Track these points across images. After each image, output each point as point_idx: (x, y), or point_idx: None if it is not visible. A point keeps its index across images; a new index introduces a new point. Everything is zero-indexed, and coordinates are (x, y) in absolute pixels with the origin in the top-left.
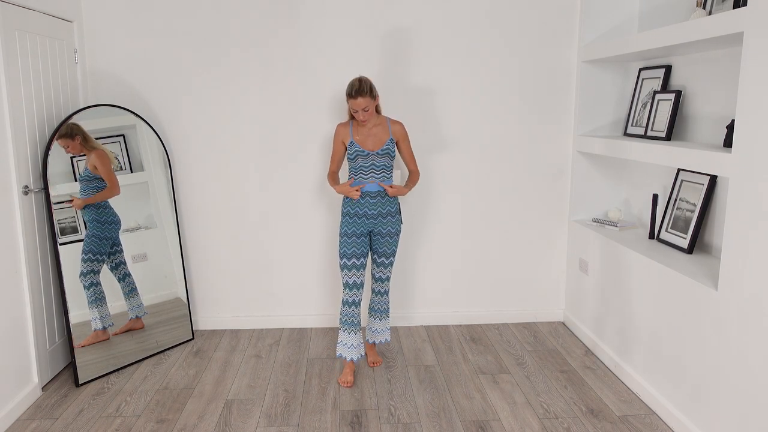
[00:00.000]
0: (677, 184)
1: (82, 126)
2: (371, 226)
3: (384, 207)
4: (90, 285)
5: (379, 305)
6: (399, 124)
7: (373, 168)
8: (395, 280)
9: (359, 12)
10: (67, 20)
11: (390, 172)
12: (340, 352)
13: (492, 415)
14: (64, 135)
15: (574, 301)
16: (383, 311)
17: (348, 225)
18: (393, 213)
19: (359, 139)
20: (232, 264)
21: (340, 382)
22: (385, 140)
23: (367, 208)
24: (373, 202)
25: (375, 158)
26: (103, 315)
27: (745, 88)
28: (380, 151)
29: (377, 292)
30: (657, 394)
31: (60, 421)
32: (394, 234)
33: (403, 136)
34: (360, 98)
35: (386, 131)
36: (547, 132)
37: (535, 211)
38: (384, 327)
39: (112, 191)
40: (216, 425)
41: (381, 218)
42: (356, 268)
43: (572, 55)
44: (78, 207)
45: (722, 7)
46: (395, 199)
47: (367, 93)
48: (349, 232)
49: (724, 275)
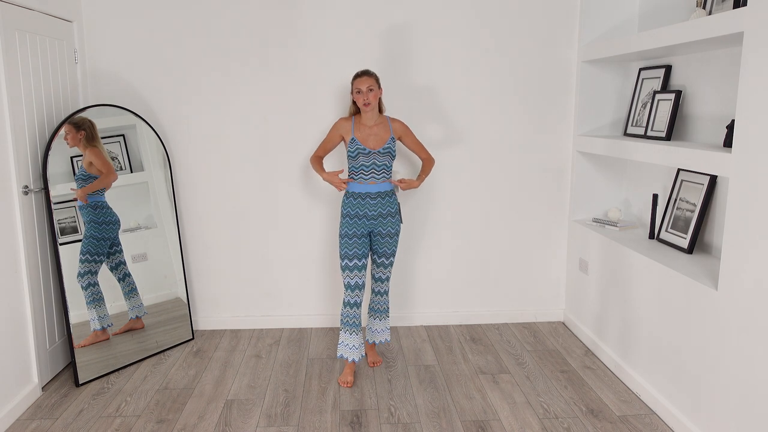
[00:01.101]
0: (677, 184)
1: (97, 128)
2: (371, 227)
3: (384, 208)
4: (88, 285)
5: (378, 305)
6: (399, 121)
7: (374, 167)
8: (395, 280)
9: (359, 12)
10: (67, 20)
11: (390, 173)
12: (341, 353)
13: (492, 415)
14: (73, 123)
15: (574, 301)
16: (383, 311)
17: (348, 226)
18: (393, 213)
19: (361, 137)
20: (232, 264)
21: (340, 382)
22: (387, 139)
23: (367, 209)
24: (373, 203)
25: (376, 157)
26: (102, 315)
27: (745, 88)
28: (382, 150)
29: (377, 292)
30: (657, 394)
31: (60, 421)
32: (394, 234)
33: (406, 131)
34: (365, 77)
35: (387, 130)
36: (547, 132)
37: (535, 211)
38: (384, 327)
39: (109, 177)
40: (216, 425)
41: (381, 219)
42: (357, 269)
43: (572, 55)
44: (81, 198)
45: (722, 7)
46: (395, 200)
47: (373, 76)
48: (349, 233)
49: (724, 275)
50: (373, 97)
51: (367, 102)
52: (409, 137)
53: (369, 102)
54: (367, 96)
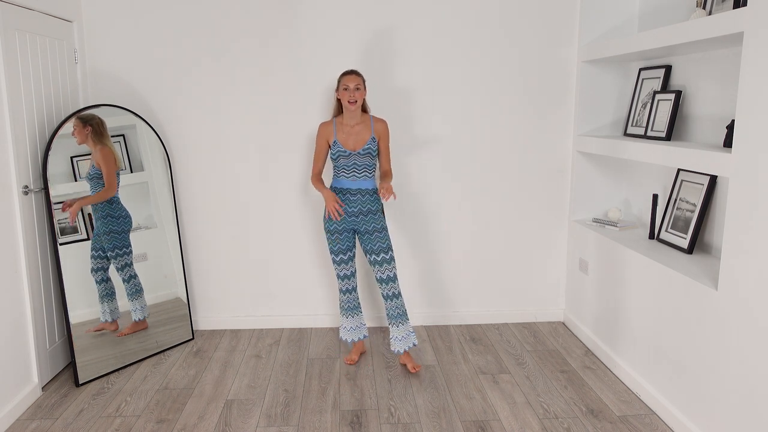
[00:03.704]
0: (677, 184)
1: (107, 126)
2: (353, 224)
3: (364, 205)
4: (101, 280)
5: (394, 310)
6: (382, 122)
7: (355, 168)
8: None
9: (359, 13)
10: (67, 20)
11: (372, 171)
12: (342, 336)
13: (492, 415)
14: (81, 118)
15: (574, 301)
16: (400, 316)
17: (330, 222)
18: (374, 211)
19: (342, 138)
20: (232, 264)
21: (345, 360)
22: (367, 139)
23: (348, 205)
24: (353, 200)
25: (356, 158)
26: (113, 309)
27: (745, 88)
28: (362, 151)
29: (387, 296)
30: (657, 394)
31: (60, 421)
32: (381, 230)
33: (384, 134)
34: (353, 75)
35: (368, 129)
36: (547, 132)
37: (535, 211)
38: (405, 333)
39: (108, 192)
40: (216, 425)
41: (363, 216)
42: (344, 262)
43: (572, 55)
44: (69, 208)
45: (722, 7)
46: (376, 197)
47: (361, 75)
48: (331, 228)
49: (724, 275)
50: (360, 95)
51: (352, 100)
52: (383, 143)
53: (355, 100)
54: (353, 94)
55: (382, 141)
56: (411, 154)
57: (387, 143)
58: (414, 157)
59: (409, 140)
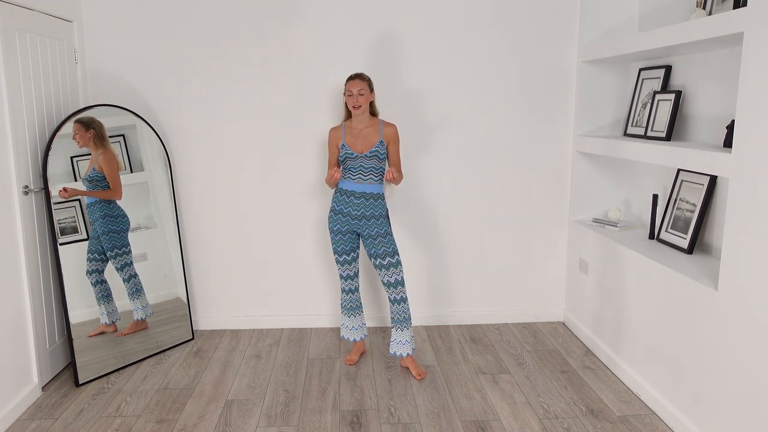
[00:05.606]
0: (677, 184)
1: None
2: (356, 227)
3: (368, 209)
4: (99, 282)
5: (398, 314)
6: (392, 126)
7: (361, 170)
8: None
9: (359, 16)
10: (67, 20)
11: (378, 175)
12: (343, 334)
13: (492, 415)
14: (82, 122)
15: (574, 301)
16: (403, 320)
17: (333, 222)
18: (377, 216)
19: (350, 141)
20: (232, 264)
21: (345, 360)
22: (375, 142)
23: (351, 208)
24: (357, 203)
25: (363, 160)
26: (110, 311)
27: (745, 88)
28: (368, 154)
29: (393, 300)
30: (657, 394)
31: (60, 421)
32: (384, 234)
33: (394, 138)
34: (357, 80)
35: (377, 133)
36: (547, 132)
37: (535, 211)
38: (405, 338)
39: (114, 194)
40: (216, 425)
41: (366, 220)
42: (347, 263)
43: (572, 55)
44: (66, 196)
45: (722, 7)
46: (380, 203)
47: (366, 80)
48: (334, 229)
49: (724, 275)
50: (364, 100)
51: (356, 105)
52: (392, 147)
53: (359, 105)
54: (357, 99)
55: (391, 145)
56: (411, 155)
57: (397, 147)
58: (414, 157)
59: (409, 140)
